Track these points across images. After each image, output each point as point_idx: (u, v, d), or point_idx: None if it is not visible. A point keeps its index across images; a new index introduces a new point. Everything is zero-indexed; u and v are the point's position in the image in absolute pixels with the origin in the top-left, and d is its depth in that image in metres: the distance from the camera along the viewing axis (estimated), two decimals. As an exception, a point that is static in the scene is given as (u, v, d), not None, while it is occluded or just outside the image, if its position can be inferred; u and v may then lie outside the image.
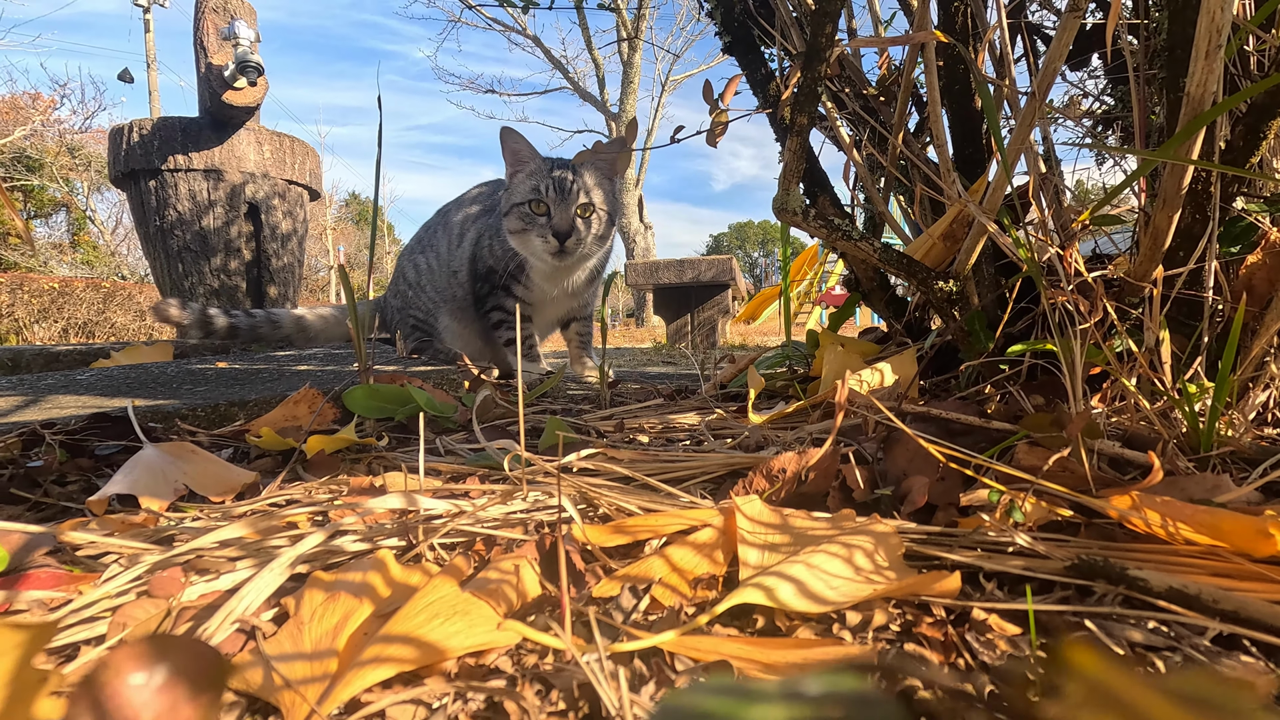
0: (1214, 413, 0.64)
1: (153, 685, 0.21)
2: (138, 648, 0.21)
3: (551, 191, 1.47)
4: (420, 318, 1.93)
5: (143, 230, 3.03)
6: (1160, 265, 0.80)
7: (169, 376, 1.28)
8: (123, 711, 0.20)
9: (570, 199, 1.48)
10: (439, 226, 1.95)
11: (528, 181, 1.51)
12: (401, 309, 1.98)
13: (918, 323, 1.21)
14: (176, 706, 0.21)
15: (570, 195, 1.48)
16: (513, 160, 1.56)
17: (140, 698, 0.20)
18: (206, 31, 2.74)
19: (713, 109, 0.90)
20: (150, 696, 0.20)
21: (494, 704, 0.35)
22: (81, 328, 8.90)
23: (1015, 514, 0.51)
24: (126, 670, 0.21)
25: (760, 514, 0.54)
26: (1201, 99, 0.68)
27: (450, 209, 1.98)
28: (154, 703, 0.20)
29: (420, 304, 1.92)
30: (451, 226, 1.88)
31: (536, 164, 1.53)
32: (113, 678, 0.20)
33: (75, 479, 0.76)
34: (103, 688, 0.20)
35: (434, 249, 1.91)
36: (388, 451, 0.88)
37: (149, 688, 0.21)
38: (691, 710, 0.14)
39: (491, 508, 0.59)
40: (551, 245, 1.48)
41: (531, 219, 1.50)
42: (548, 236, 1.48)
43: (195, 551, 0.51)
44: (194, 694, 0.21)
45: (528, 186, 1.50)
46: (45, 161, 16.45)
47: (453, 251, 1.83)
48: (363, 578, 0.46)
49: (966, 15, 1.03)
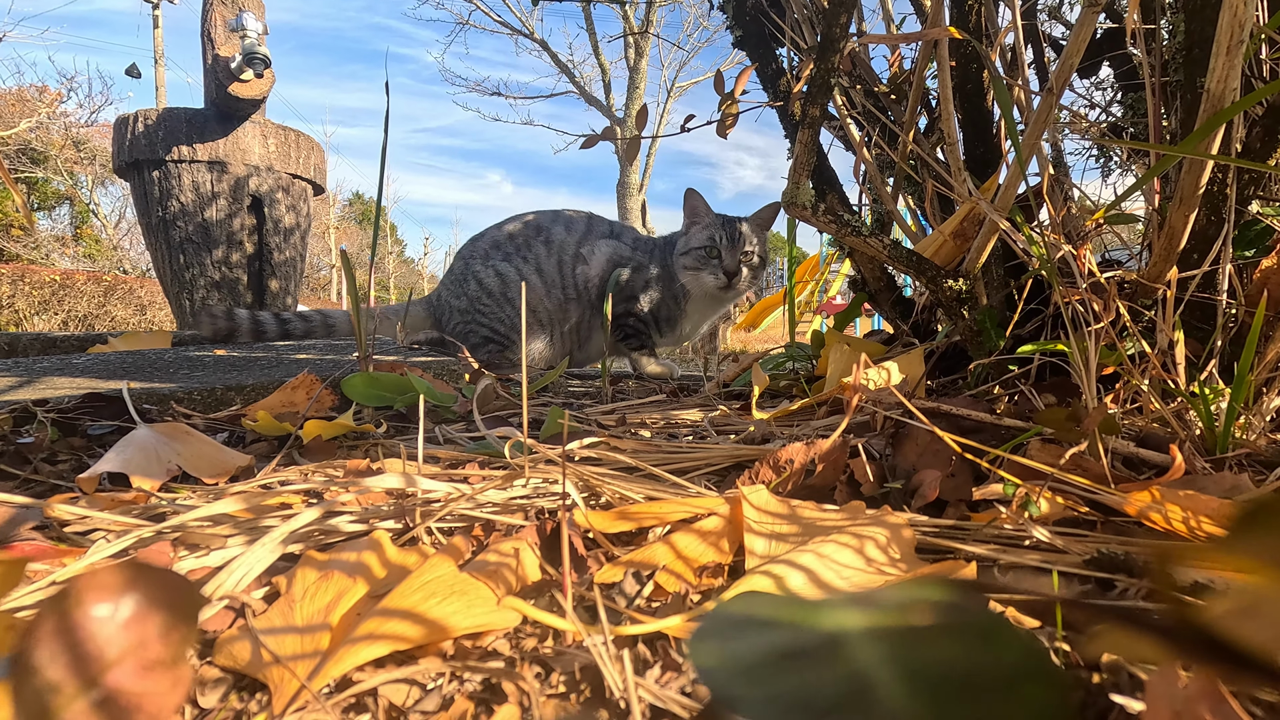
0: (1231, 412, 0.63)
1: (119, 618, 0.19)
2: (104, 576, 0.19)
3: (724, 240, 1.86)
4: (502, 331, 1.92)
5: (145, 221, 3.02)
6: (1175, 267, 0.79)
7: (166, 362, 1.26)
8: (84, 646, 0.18)
9: (736, 246, 1.86)
10: (538, 244, 1.97)
11: (704, 231, 1.89)
12: (468, 315, 1.94)
13: (924, 324, 1.20)
14: (145, 643, 0.19)
15: (736, 243, 1.86)
16: (691, 214, 1.95)
17: (105, 631, 0.19)
18: (214, 23, 2.74)
19: (724, 101, 0.89)
20: (116, 631, 0.19)
21: (491, 685, 0.34)
22: (82, 320, 8.89)
23: (1031, 508, 0.49)
24: (90, 600, 0.19)
25: (767, 503, 0.52)
26: (1222, 95, 0.67)
27: (546, 225, 2.00)
28: (120, 638, 0.19)
29: (502, 316, 1.91)
30: (565, 248, 1.97)
31: (711, 218, 1.92)
32: (74, 607, 0.19)
33: (66, 457, 0.74)
34: (63, 618, 0.18)
35: (532, 264, 1.94)
36: (386, 439, 0.86)
37: (115, 621, 0.19)
38: (748, 617, 0.12)
39: (491, 492, 0.57)
40: (721, 281, 1.86)
41: (706, 260, 1.87)
42: (719, 274, 1.86)
43: (185, 527, 0.49)
44: (165, 630, 0.19)
45: (704, 235, 1.88)
46: (50, 154, 16.46)
47: (569, 272, 1.96)
48: (358, 557, 0.45)
49: (980, 15, 1.02)
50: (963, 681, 0.12)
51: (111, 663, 0.18)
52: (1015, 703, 0.11)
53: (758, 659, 0.12)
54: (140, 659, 0.18)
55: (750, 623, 0.13)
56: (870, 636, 0.13)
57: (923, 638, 0.13)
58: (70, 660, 0.18)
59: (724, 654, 0.12)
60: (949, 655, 0.12)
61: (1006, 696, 0.11)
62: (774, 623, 0.13)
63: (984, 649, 0.12)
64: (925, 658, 0.12)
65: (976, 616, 0.13)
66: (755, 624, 0.13)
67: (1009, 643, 0.12)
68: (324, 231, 21.77)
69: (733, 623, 0.13)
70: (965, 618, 0.13)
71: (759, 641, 0.13)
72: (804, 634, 0.13)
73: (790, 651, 0.12)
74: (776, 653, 0.12)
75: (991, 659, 0.12)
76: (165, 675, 0.19)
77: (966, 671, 0.12)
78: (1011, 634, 0.13)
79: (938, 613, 0.13)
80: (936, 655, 0.12)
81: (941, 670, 0.12)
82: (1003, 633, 0.13)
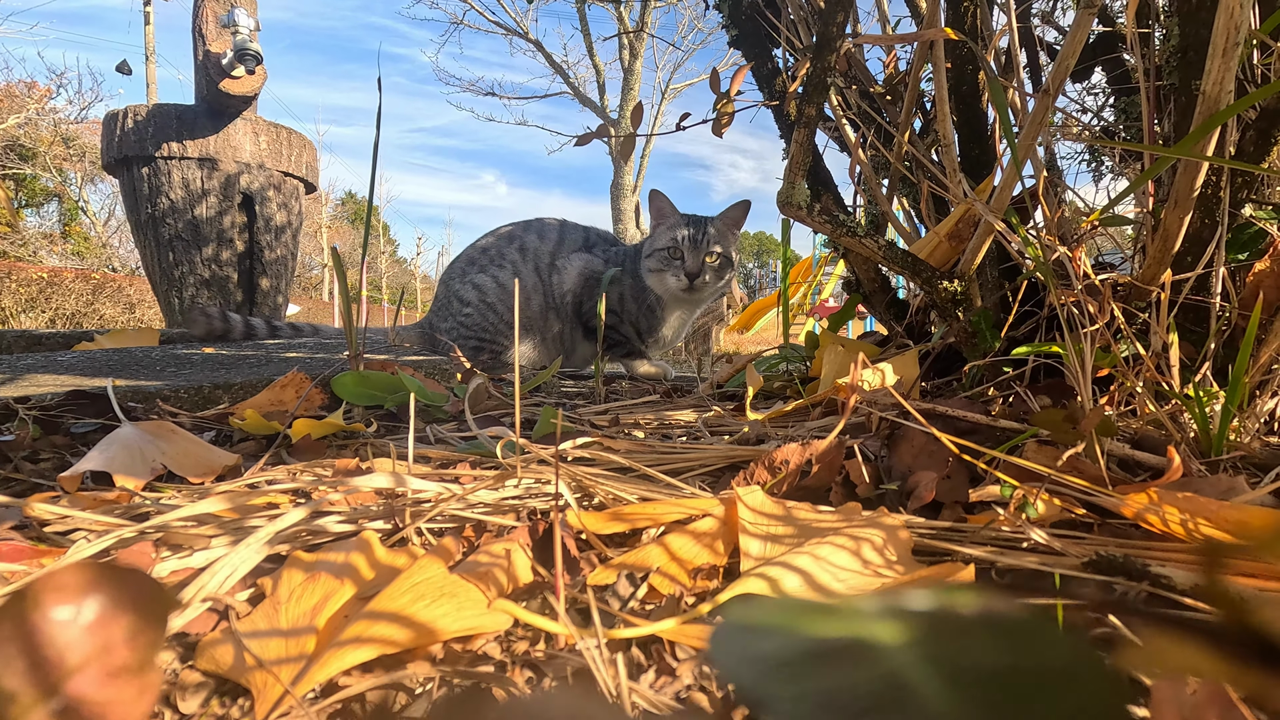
0: (1226, 414, 0.63)
1: (82, 621, 0.18)
2: (66, 576, 0.18)
3: (687, 240, 1.81)
4: (489, 337, 1.93)
5: (134, 218, 2.99)
6: (1169, 269, 0.79)
7: (153, 360, 1.25)
8: (43, 652, 0.17)
9: (700, 247, 1.81)
10: (511, 251, 1.96)
11: (668, 233, 1.85)
12: (454, 334, 1.95)
13: (918, 326, 1.20)
14: (110, 648, 0.18)
15: (700, 244, 1.81)
16: (656, 215, 1.91)
17: (66, 635, 0.17)
18: (205, 19, 2.72)
19: (720, 99, 0.89)
20: (78, 635, 0.18)
21: (481, 690, 0.33)
22: (69, 318, 8.78)
23: (1029, 509, 0.49)
24: (50, 602, 0.18)
25: (763, 505, 0.52)
26: (1217, 97, 0.67)
27: (519, 234, 2.00)
28: (83, 642, 0.17)
29: (486, 325, 1.92)
30: (540, 256, 1.96)
31: (675, 219, 1.88)
32: (32, 610, 0.17)
33: (48, 456, 0.73)
34: (20, 622, 0.17)
35: (509, 271, 1.94)
36: (376, 439, 0.85)
37: (77, 624, 0.18)
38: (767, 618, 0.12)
39: (483, 492, 0.56)
40: (683, 282, 1.81)
41: (669, 261, 1.83)
42: (680, 275, 1.81)
43: (168, 527, 0.48)
44: (132, 633, 0.18)
45: (668, 236, 1.84)
46: (39, 151, 16.28)
47: (547, 281, 1.96)
48: (345, 558, 0.44)
49: (975, 17, 1.02)
50: (1009, 683, 0.11)
51: (73, 669, 0.17)
52: (1071, 704, 0.11)
53: (784, 659, 0.11)
54: (105, 665, 0.17)
55: (771, 623, 0.12)
56: (901, 637, 0.12)
57: (959, 639, 0.12)
58: (27, 667, 0.17)
59: (747, 653, 0.12)
60: (990, 657, 0.11)
61: (1060, 698, 0.11)
62: (795, 624, 0.12)
63: (1028, 650, 0.12)
64: (965, 659, 0.11)
65: (1014, 618, 0.12)
66: (777, 624, 0.12)
67: (1054, 644, 0.12)
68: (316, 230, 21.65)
69: (752, 623, 0.12)
70: (1002, 619, 0.12)
71: (784, 642, 0.12)
72: (830, 635, 0.12)
73: (817, 652, 0.12)
74: (803, 653, 0.12)
75: (1036, 661, 0.12)
76: (132, 682, 0.18)
77: (1012, 673, 0.11)
78: (1055, 635, 0.12)
79: (971, 614, 0.12)
80: (976, 657, 0.11)
81: (984, 672, 0.11)
82: (1046, 634, 0.12)
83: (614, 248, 2.06)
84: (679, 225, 1.85)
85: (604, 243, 2.07)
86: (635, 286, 1.95)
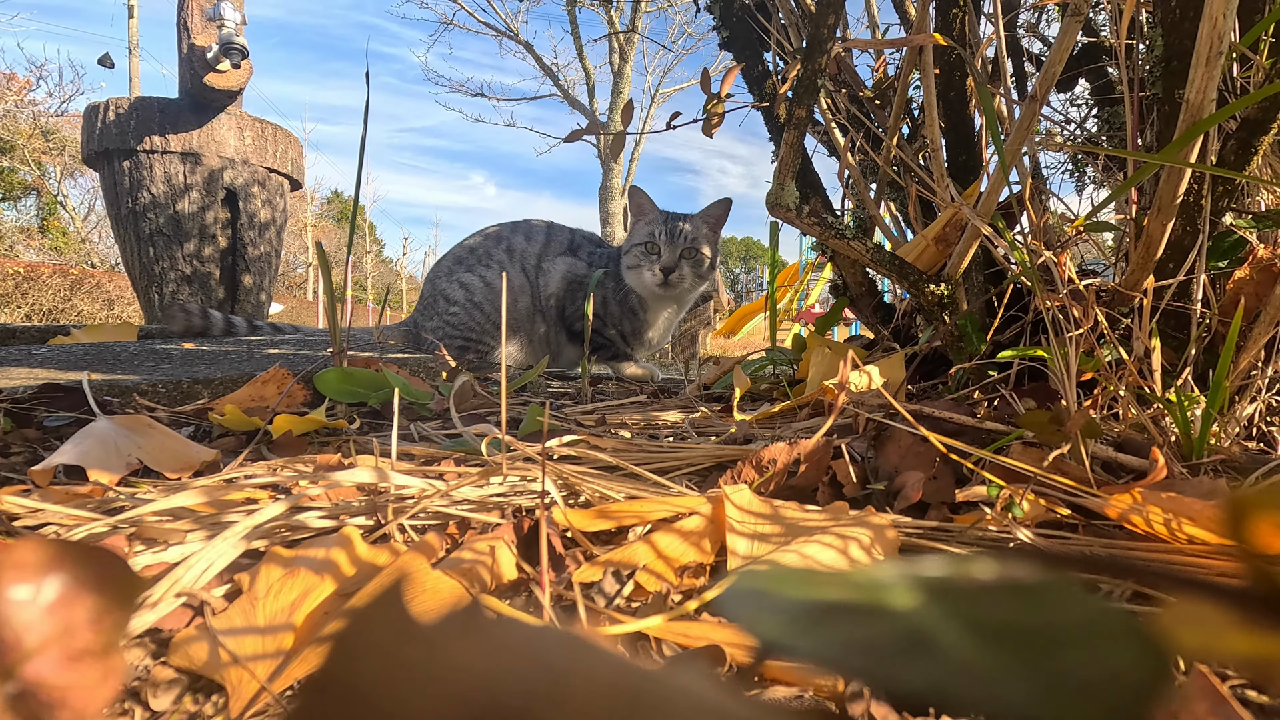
0: (1207, 417, 0.63)
1: (41, 601, 0.17)
2: (25, 552, 0.17)
3: (663, 235, 1.79)
4: (475, 336, 1.91)
5: (114, 212, 2.94)
6: (1151, 275, 0.80)
7: (131, 354, 1.22)
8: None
9: (676, 242, 1.79)
10: (498, 252, 1.96)
11: (646, 228, 1.84)
12: (439, 332, 1.93)
13: (905, 329, 1.20)
14: (72, 630, 0.17)
15: (676, 239, 1.80)
16: (636, 211, 1.90)
17: (24, 616, 0.16)
18: (191, 11, 2.68)
19: (710, 99, 0.89)
20: (37, 615, 0.17)
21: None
22: (46, 314, 8.61)
23: (1015, 509, 0.49)
24: (8, 580, 0.17)
25: (750, 503, 0.51)
26: (1201, 106, 0.68)
27: (506, 235, 1.99)
28: (42, 624, 0.17)
29: (473, 324, 1.91)
30: (527, 258, 1.95)
31: (655, 214, 1.86)
32: None
33: (20, 450, 0.71)
34: None
35: (496, 270, 1.94)
36: (359, 435, 0.84)
37: (36, 604, 0.17)
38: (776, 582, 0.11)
39: (467, 489, 0.56)
40: (658, 278, 1.79)
41: (645, 256, 1.82)
42: (654, 270, 1.79)
43: (142, 521, 0.47)
44: (96, 615, 0.17)
45: (645, 231, 1.84)
46: (17, 143, 15.98)
47: (534, 282, 1.95)
48: (326, 554, 0.43)
49: (963, 24, 1.03)
50: (1037, 637, 0.11)
51: (31, 652, 0.16)
52: (1106, 655, 0.10)
53: (803, 615, 0.11)
54: (65, 648, 0.17)
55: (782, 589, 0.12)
56: (920, 594, 0.12)
57: (980, 599, 0.12)
58: (-18, 650, 0.16)
59: (762, 608, 0.11)
60: (1016, 615, 0.11)
61: (1095, 650, 0.10)
62: (807, 589, 0.12)
63: (1056, 608, 0.11)
64: (989, 617, 0.11)
65: (1037, 581, 0.12)
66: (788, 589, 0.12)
67: (1078, 602, 0.12)
68: (301, 229, 21.43)
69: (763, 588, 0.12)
70: (1024, 583, 0.12)
71: (799, 602, 0.11)
72: (844, 599, 0.11)
73: (835, 609, 0.11)
74: (821, 610, 0.11)
75: (1063, 618, 0.11)
76: (94, 666, 0.17)
77: (1039, 629, 0.11)
78: (1078, 594, 0.12)
79: (990, 579, 0.12)
80: (1002, 615, 0.11)
81: (1012, 627, 0.11)
82: (1069, 592, 0.12)
83: (599, 249, 2.06)
84: (656, 221, 1.84)
85: (590, 244, 2.06)
86: (617, 289, 1.96)
